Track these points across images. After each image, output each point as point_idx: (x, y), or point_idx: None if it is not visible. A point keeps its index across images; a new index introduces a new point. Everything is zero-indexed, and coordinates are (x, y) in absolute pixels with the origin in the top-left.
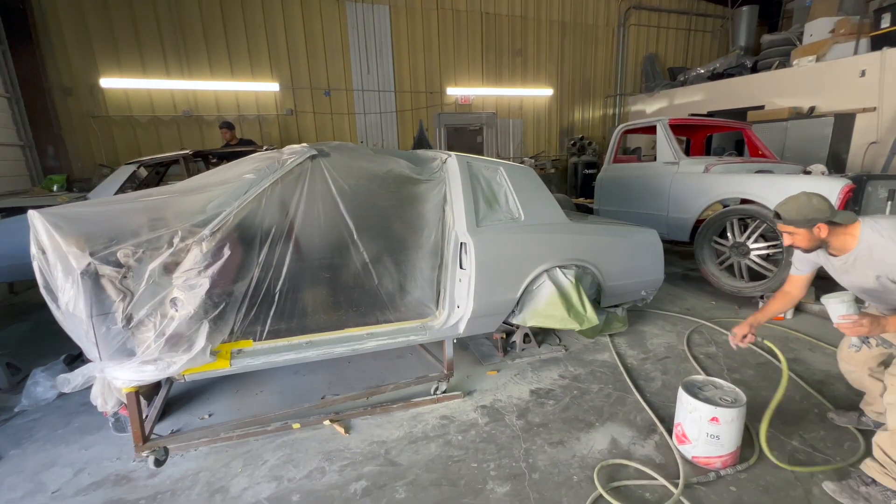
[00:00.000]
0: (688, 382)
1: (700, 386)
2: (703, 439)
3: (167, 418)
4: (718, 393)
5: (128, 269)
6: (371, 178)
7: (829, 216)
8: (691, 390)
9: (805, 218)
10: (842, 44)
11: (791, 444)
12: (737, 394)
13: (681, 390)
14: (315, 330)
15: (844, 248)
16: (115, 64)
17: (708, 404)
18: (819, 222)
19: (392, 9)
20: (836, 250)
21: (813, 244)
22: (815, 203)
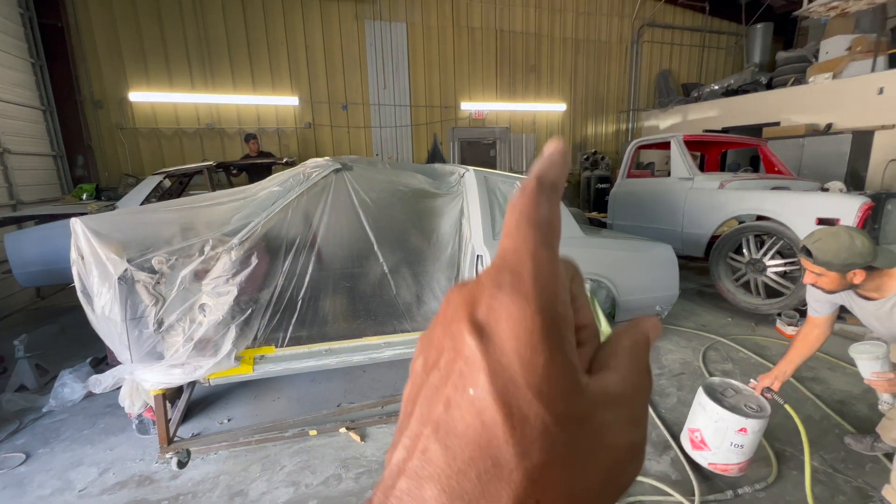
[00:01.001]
0: (708, 387)
1: (721, 391)
2: (726, 447)
3: (188, 422)
4: (741, 399)
5: (161, 275)
6: (392, 191)
7: (869, 261)
8: (714, 396)
9: (843, 262)
10: (859, 61)
11: (811, 464)
12: (758, 400)
13: (704, 396)
14: (334, 338)
15: (882, 291)
16: (144, 79)
17: (737, 414)
18: (857, 268)
19: (409, 26)
20: (870, 293)
21: (840, 288)
22: (857, 246)
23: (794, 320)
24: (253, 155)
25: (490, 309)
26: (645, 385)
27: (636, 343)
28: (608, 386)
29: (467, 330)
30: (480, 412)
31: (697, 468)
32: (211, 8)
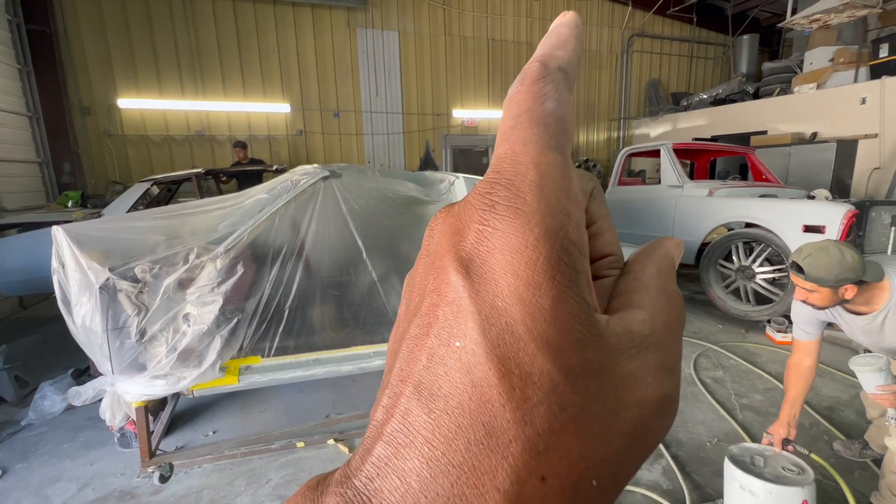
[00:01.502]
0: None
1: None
2: None
3: (172, 434)
4: (775, 463)
5: (144, 284)
6: (381, 199)
7: (861, 275)
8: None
9: (835, 277)
10: (841, 72)
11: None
12: (790, 459)
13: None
14: (322, 347)
15: (871, 305)
16: (133, 85)
17: (791, 486)
18: (849, 283)
19: (401, 34)
20: (859, 307)
21: (831, 304)
22: (848, 260)
23: (783, 327)
24: (244, 162)
25: (480, 237)
26: (679, 320)
27: (661, 270)
28: (633, 326)
29: (452, 267)
30: (469, 369)
31: (689, 476)
32: (202, 15)
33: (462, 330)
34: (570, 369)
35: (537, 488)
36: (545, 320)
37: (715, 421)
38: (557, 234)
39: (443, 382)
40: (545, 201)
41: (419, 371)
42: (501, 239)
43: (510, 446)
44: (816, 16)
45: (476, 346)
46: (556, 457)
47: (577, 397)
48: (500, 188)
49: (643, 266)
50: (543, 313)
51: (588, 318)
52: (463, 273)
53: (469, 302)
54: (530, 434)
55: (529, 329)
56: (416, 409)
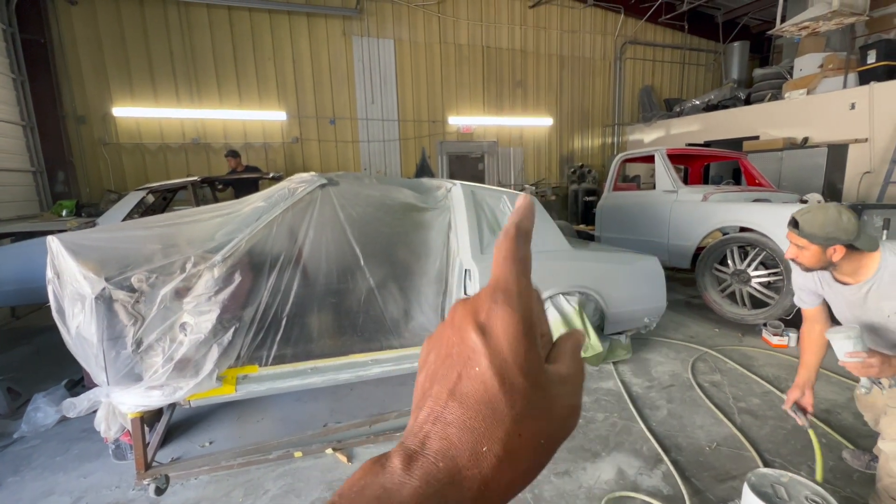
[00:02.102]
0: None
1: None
2: None
3: (167, 445)
4: (797, 492)
5: (141, 293)
6: (378, 206)
7: (852, 239)
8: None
9: (826, 235)
10: (831, 78)
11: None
12: (811, 488)
13: None
14: (320, 356)
15: (857, 276)
16: (129, 94)
17: None
18: (838, 243)
19: (397, 42)
20: (846, 277)
21: (819, 264)
22: (843, 221)
23: (779, 330)
24: (239, 171)
25: (489, 316)
26: (580, 373)
27: (574, 345)
28: (560, 371)
29: (473, 330)
30: (484, 381)
31: (689, 481)
32: (197, 23)
33: (479, 362)
34: (532, 383)
35: (517, 440)
36: (522, 359)
37: (713, 425)
38: (528, 318)
39: (468, 388)
40: (522, 302)
41: (453, 383)
42: (500, 317)
43: (504, 419)
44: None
45: (487, 369)
46: (526, 426)
47: (536, 398)
48: (500, 292)
49: (565, 343)
50: (521, 356)
51: (541, 362)
52: (479, 333)
53: (483, 348)
54: (514, 413)
55: (514, 362)
56: (452, 404)
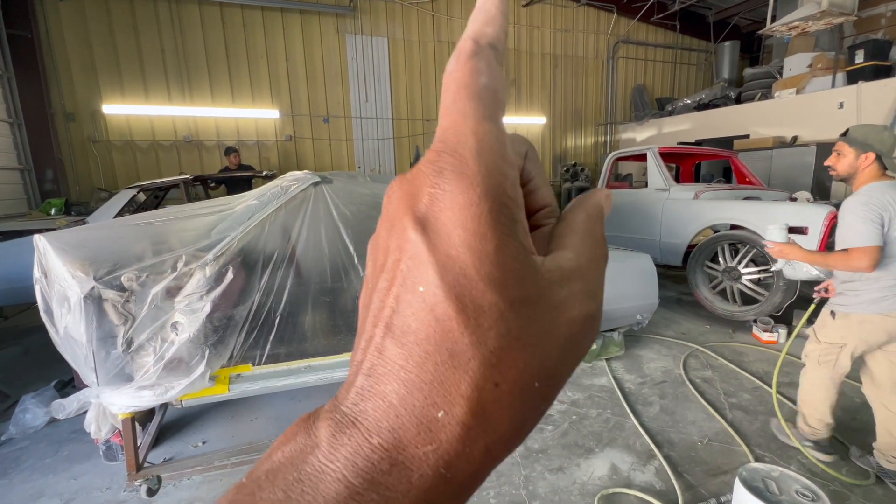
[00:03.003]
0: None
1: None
2: None
3: (160, 446)
4: (788, 486)
5: (131, 293)
6: (372, 204)
7: (884, 151)
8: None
9: (864, 141)
10: (819, 77)
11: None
12: (800, 482)
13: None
14: (314, 354)
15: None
16: (119, 90)
17: None
18: (872, 150)
19: (390, 41)
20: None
21: (849, 172)
22: (884, 135)
23: (769, 326)
24: (233, 168)
25: (432, 199)
26: (600, 256)
27: (589, 216)
28: (563, 263)
29: (410, 226)
30: (432, 308)
31: (681, 476)
32: (189, 20)
33: (423, 277)
34: (512, 300)
35: (492, 392)
36: (490, 263)
37: (705, 421)
38: (496, 191)
39: (411, 321)
40: (484, 165)
41: (389, 314)
42: (450, 199)
43: (469, 363)
44: (795, 23)
45: (436, 289)
46: (506, 368)
47: (520, 321)
48: (447, 156)
49: (574, 214)
50: (489, 257)
51: (525, 258)
52: (420, 230)
53: (427, 254)
54: (484, 352)
55: (478, 271)
56: (390, 344)
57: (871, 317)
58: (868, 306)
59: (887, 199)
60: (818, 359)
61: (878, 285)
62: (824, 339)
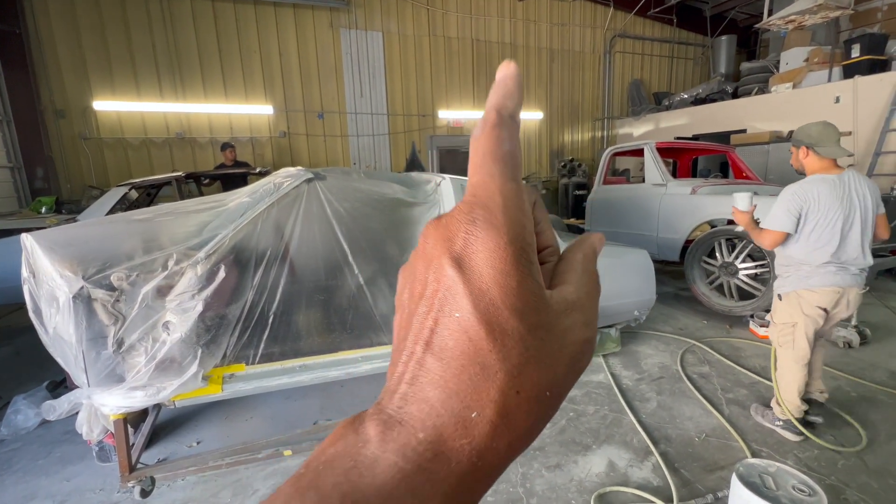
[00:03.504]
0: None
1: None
2: None
3: (154, 446)
4: (785, 482)
5: (121, 292)
6: (366, 201)
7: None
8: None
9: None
10: (816, 72)
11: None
12: (797, 477)
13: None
14: (308, 353)
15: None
16: (109, 87)
17: None
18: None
19: (385, 35)
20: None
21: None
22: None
23: (766, 321)
24: (228, 164)
25: (466, 243)
26: (595, 291)
27: (586, 256)
28: (567, 296)
29: (448, 264)
30: (467, 330)
31: (678, 472)
32: (180, 15)
33: (459, 305)
34: (530, 325)
35: (514, 398)
36: (514, 295)
37: (702, 416)
38: (518, 239)
39: (448, 340)
40: (509, 217)
41: (428, 334)
42: (482, 243)
43: (497, 374)
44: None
45: (470, 315)
46: (525, 379)
47: (536, 343)
48: (478, 209)
49: (573, 254)
50: (512, 291)
51: (540, 292)
52: (456, 267)
53: (463, 287)
54: (508, 366)
55: (504, 301)
56: (430, 359)
57: (803, 293)
58: (798, 283)
59: (814, 193)
60: (778, 341)
61: (805, 266)
62: (778, 320)
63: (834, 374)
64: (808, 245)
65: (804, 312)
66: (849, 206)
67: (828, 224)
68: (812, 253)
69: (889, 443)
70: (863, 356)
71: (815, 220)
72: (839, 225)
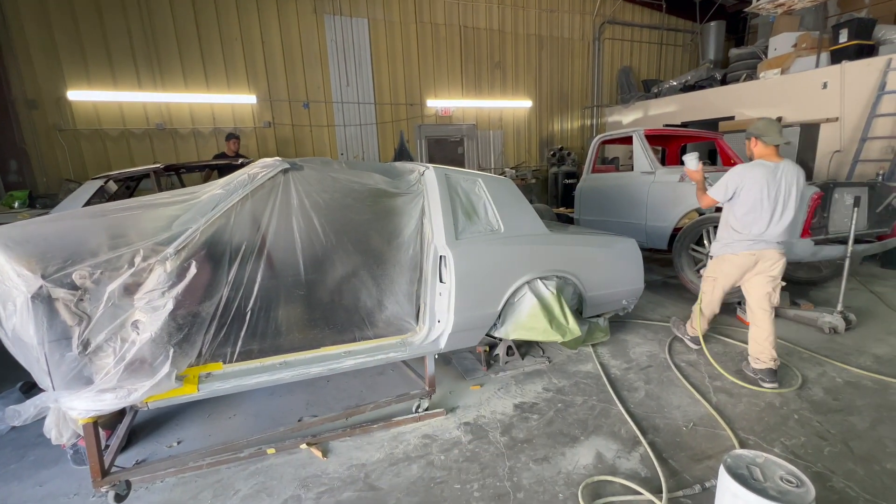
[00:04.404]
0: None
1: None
2: None
3: (132, 447)
4: (772, 473)
5: (84, 291)
6: (346, 191)
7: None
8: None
9: (747, 132)
10: (804, 57)
11: (773, 450)
12: (785, 467)
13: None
14: (290, 350)
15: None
16: (84, 76)
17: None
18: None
19: (371, 22)
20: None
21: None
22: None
23: None
24: (230, 155)
25: None
26: None
27: None
28: None
29: None
30: None
31: (666, 462)
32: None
33: None
34: None
35: None
36: None
37: (690, 405)
38: None
39: None
40: None
41: None
42: None
43: None
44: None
45: None
46: None
47: None
48: None
49: None
50: None
51: None
52: None
53: None
54: None
55: None
56: None
57: (728, 256)
58: (725, 249)
59: (750, 175)
60: (702, 287)
61: (736, 235)
62: (707, 274)
63: (820, 360)
64: (746, 221)
65: (725, 271)
66: (776, 189)
67: (761, 203)
68: (746, 227)
69: (875, 429)
70: (848, 341)
71: (749, 197)
72: (767, 204)
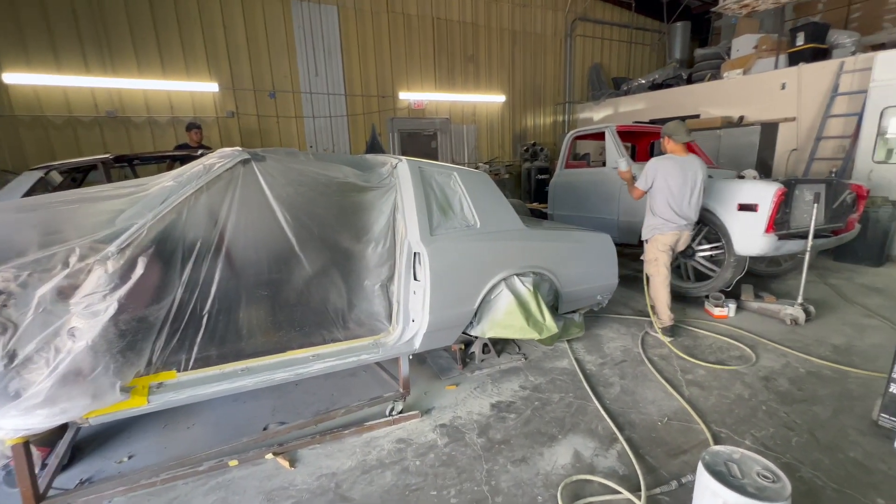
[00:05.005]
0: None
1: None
2: None
3: (76, 464)
4: (748, 468)
5: (8, 295)
6: (313, 184)
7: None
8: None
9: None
10: (764, 59)
11: (744, 442)
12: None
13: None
14: (252, 355)
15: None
16: (23, 57)
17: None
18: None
19: (340, 9)
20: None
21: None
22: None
23: (720, 301)
24: (193, 146)
25: None
26: None
27: None
28: None
29: None
30: None
31: (643, 459)
32: None
33: None
34: None
35: None
36: None
37: (664, 399)
38: None
39: None
40: None
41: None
42: None
43: None
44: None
45: None
46: None
47: None
48: None
49: None
50: None
51: None
52: None
53: None
54: None
55: None
56: None
57: (658, 237)
58: (654, 231)
59: (662, 166)
60: (649, 272)
61: (660, 219)
62: (647, 258)
63: (784, 351)
64: (665, 206)
65: (660, 250)
66: (684, 178)
67: (676, 191)
68: (666, 211)
69: (837, 417)
70: (808, 332)
71: (664, 186)
72: (679, 191)
